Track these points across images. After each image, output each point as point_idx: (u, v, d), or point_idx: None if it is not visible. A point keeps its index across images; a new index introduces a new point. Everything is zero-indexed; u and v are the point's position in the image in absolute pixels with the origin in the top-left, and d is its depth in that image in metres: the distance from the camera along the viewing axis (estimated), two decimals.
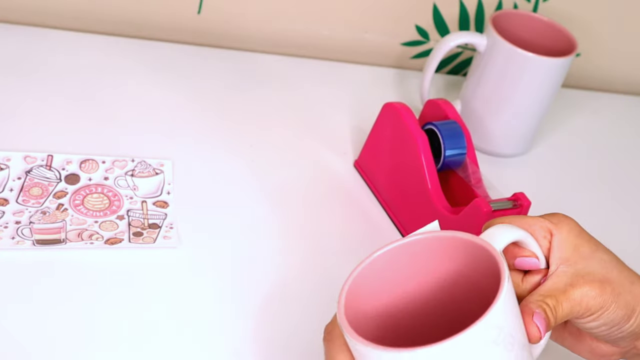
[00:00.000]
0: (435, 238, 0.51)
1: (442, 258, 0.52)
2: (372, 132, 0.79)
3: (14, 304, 0.61)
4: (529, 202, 0.69)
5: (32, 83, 0.82)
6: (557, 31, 0.88)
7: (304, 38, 0.99)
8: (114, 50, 0.90)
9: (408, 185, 0.75)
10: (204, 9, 0.94)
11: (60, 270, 0.64)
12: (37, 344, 0.59)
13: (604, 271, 0.52)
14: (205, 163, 0.78)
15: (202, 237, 0.70)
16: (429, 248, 0.52)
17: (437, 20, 0.99)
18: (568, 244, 0.53)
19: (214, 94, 0.88)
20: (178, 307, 0.64)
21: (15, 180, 0.71)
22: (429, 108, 0.79)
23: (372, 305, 0.52)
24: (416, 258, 0.52)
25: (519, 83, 0.84)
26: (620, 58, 1.07)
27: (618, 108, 1.05)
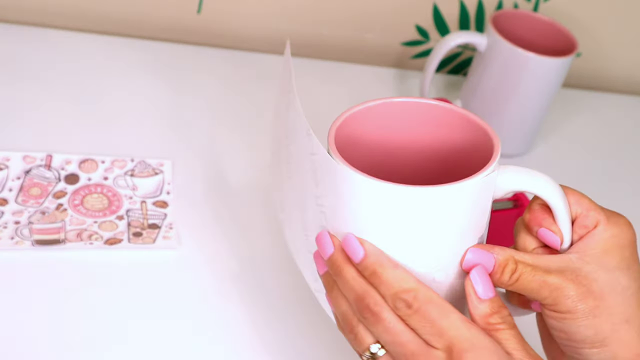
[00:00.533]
0: (438, 107, 0.51)
1: (441, 125, 0.51)
2: None
3: (14, 304, 0.61)
4: (529, 202, 0.69)
5: (31, 83, 0.82)
6: (557, 31, 0.88)
7: (304, 38, 0.99)
8: (114, 50, 0.90)
9: None
10: (204, 9, 0.94)
11: (60, 271, 0.64)
12: (37, 344, 0.59)
13: (607, 289, 0.47)
14: (205, 163, 0.78)
15: (202, 237, 0.70)
16: (429, 113, 0.51)
17: (437, 20, 0.99)
18: (601, 245, 0.48)
19: (214, 94, 0.88)
20: (178, 307, 0.64)
21: (14, 181, 0.71)
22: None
23: (363, 148, 0.51)
24: (414, 117, 0.51)
25: (519, 83, 0.84)
26: (620, 58, 1.07)
27: (618, 108, 1.05)
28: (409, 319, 0.45)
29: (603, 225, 0.48)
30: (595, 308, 0.46)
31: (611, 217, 0.49)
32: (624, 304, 0.47)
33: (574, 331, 0.47)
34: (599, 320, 0.46)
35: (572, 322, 0.47)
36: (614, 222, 0.48)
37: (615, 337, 0.47)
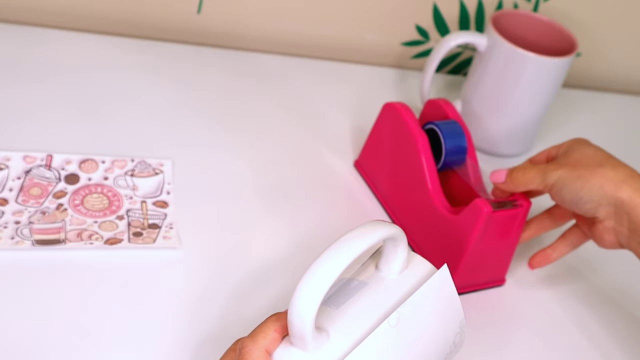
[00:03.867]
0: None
1: None
2: (372, 132, 0.79)
3: (14, 304, 0.61)
4: (529, 203, 0.69)
5: (31, 83, 0.82)
6: (557, 31, 0.88)
7: (304, 38, 0.99)
8: (114, 50, 0.90)
9: (408, 185, 0.75)
10: (204, 9, 0.94)
11: (60, 270, 0.64)
12: (37, 344, 0.59)
13: (579, 156, 0.65)
14: (205, 163, 0.78)
15: (202, 237, 0.70)
16: None
17: (437, 20, 0.99)
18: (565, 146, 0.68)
19: (214, 93, 0.88)
20: (178, 307, 0.64)
21: (14, 180, 0.71)
22: (429, 108, 0.78)
23: None
24: None
25: (519, 83, 0.84)
26: (620, 58, 1.07)
27: (618, 108, 1.05)
28: None
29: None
30: (574, 163, 0.65)
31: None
32: (594, 157, 0.65)
33: (568, 189, 0.64)
34: (578, 171, 0.64)
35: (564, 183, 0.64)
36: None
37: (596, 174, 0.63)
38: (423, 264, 0.54)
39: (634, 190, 0.62)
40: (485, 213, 0.66)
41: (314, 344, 0.48)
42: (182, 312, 0.64)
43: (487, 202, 0.66)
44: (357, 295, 0.52)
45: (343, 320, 0.50)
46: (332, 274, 0.47)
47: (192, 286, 0.66)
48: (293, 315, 0.47)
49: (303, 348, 0.48)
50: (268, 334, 0.49)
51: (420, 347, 0.51)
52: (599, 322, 0.72)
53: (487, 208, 0.66)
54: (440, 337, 0.53)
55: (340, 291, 0.53)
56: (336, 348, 0.49)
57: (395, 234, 0.51)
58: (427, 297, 0.51)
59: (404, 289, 0.52)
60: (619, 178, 0.63)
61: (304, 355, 0.48)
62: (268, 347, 0.49)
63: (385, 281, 0.53)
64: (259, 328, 0.50)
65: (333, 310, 0.51)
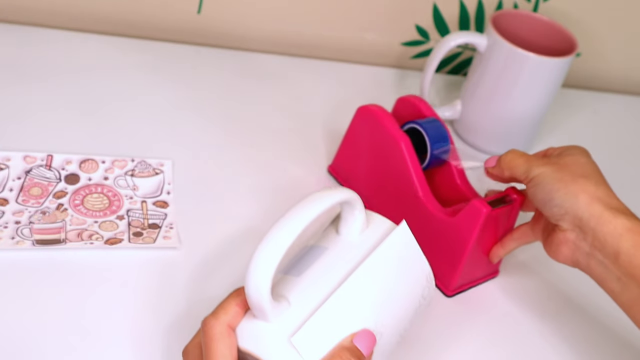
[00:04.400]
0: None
1: None
2: (347, 137, 0.77)
3: (14, 304, 0.61)
4: (522, 197, 0.69)
5: (31, 83, 0.82)
6: (557, 31, 0.88)
7: (304, 38, 0.99)
8: (114, 51, 0.90)
9: (392, 190, 0.73)
10: (204, 9, 0.94)
11: (60, 270, 0.64)
12: (37, 344, 0.59)
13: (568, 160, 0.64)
14: (205, 163, 0.78)
15: (202, 237, 0.70)
16: None
17: (437, 20, 0.99)
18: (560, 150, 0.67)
19: (214, 94, 0.88)
20: (178, 307, 0.64)
21: (15, 180, 0.71)
22: (401, 106, 0.77)
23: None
24: None
25: (518, 83, 0.84)
26: (620, 58, 1.07)
27: (618, 108, 1.05)
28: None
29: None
30: (562, 166, 0.64)
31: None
32: (583, 167, 0.64)
33: (543, 186, 0.63)
34: (562, 174, 0.63)
35: (543, 180, 0.63)
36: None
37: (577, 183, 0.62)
38: (383, 223, 0.54)
39: (607, 208, 0.61)
40: (485, 213, 0.66)
41: (274, 313, 0.48)
42: (182, 312, 0.64)
43: (484, 202, 0.66)
44: (319, 261, 0.52)
45: (304, 286, 0.50)
46: (283, 243, 0.47)
47: (192, 286, 0.66)
48: (249, 287, 0.47)
49: (264, 319, 0.48)
50: (229, 310, 0.49)
51: (385, 303, 0.51)
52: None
53: (486, 208, 0.66)
54: (406, 292, 0.53)
55: (303, 259, 0.53)
56: (297, 315, 0.49)
57: (349, 198, 0.52)
58: (387, 253, 0.52)
59: (364, 249, 0.52)
60: (597, 195, 0.61)
61: (265, 326, 0.48)
62: (230, 322, 0.49)
63: (345, 244, 0.53)
64: (221, 304, 0.50)
65: (294, 279, 0.51)
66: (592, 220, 0.61)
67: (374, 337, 0.50)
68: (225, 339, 0.48)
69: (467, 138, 0.90)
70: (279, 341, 0.48)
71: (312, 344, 0.48)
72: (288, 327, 0.48)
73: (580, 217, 0.61)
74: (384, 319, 0.51)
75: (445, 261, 0.69)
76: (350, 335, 0.49)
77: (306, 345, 0.48)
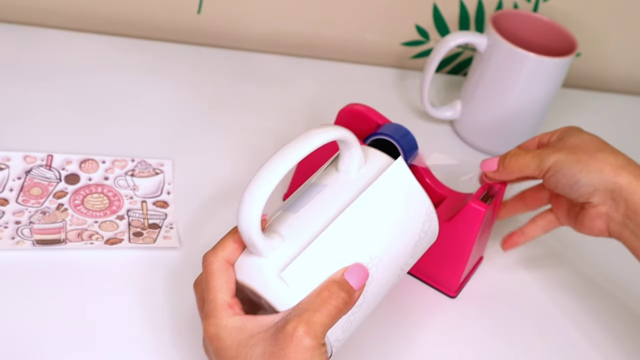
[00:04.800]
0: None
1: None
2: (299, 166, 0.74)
3: (14, 304, 0.61)
4: (504, 185, 0.68)
5: (31, 83, 0.82)
6: (557, 31, 0.88)
7: (304, 38, 0.99)
8: (114, 50, 0.90)
9: None
10: (204, 9, 0.94)
11: (60, 270, 0.64)
12: (37, 344, 0.59)
13: (576, 140, 0.64)
14: (206, 163, 0.78)
15: (202, 237, 0.70)
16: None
17: (437, 20, 0.99)
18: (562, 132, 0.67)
19: (213, 94, 0.88)
20: (178, 307, 0.64)
21: (15, 180, 0.71)
22: (345, 117, 0.71)
23: None
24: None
25: (519, 83, 0.84)
26: (620, 58, 1.07)
27: (618, 108, 1.05)
28: None
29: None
30: (572, 147, 0.64)
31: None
32: (593, 142, 0.64)
33: (564, 172, 0.63)
34: (577, 155, 0.63)
35: (562, 167, 0.63)
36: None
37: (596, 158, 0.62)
38: (381, 159, 0.55)
39: (633, 176, 0.62)
40: (483, 213, 0.65)
41: (267, 248, 0.50)
42: (182, 312, 0.64)
43: (480, 202, 0.66)
44: (317, 198, 0.53)
45: (299, 222, 0.52)
46: (272, 180, 0.49)
47: (192, 286, 0.66)
48: (240, 222, 0.49)
49: (257, 253, 0.50)
50: (227, 246, 0.52)
51: (380, 237, 0.52)
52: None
53: (484, 207, 0.65)
54: (404, 226, 0.54)
55: (302, 196, 0.54)
56: (289, 250, 0.50)
57: (343, 136, 0.52)
58: (382, 188, 0.53)
59: (360, 185, 0.53)
60: (618, 164, 0.62)
61: (259, 260, 0.50)
62: (228, 258, 0.51)
63: (343, 181, 0.54)
64: (219, 242, 0.52)
65: (292, 215, 0.53)
66: (622, 191, 0.62)
67: (366, 271, 0.51)
68: (223, 273, 0.51)
69: (467, 138, 0.90)
70: (271, 275, 0.50)
71: (302, 278, 0.50)
72: (279, 262, 0.50)
73: (611, 189, 0.62)
74: (379, 253, 0.52)
75: (446, 265, 0.69)
76: (342, 269, 0.51)
77: (296, 280, 0.49)
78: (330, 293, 0.49)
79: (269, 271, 0.50)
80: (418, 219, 0.55)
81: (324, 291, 0.49)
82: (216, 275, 0.51)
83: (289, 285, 0.49)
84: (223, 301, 0.50)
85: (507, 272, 0.75)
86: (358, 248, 0.51)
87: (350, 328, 0.53)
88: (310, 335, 0.48)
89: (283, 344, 0.48)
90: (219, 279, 0.51)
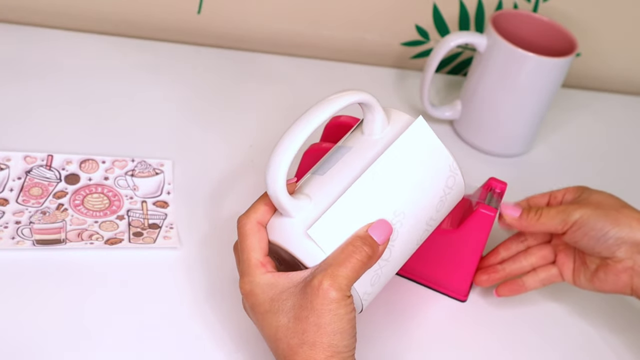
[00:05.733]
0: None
1: None
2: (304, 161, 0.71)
3: (14, 304, 0.61)
4: (504, 185, 0.68)
5: (32, 83, 0.82)
6: (557, 31, 0.88)
7: (304, 38, 0.99)
8: (114, 50, 0.90)
9: None
10: (204, 9, 0.94)
11: (60, 270, 0.64)
12: (37, 344, 0.59)
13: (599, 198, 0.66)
14: (205, 163, 0.78)
15: (202, 237, 0.70)
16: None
17: (437, 20, 0.99)
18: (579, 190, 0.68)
19: (213, 94, 0.88)
20: (178, 307, 0.64)
21: (15, 180, 0.71)
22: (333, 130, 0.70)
23: None
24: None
25: (519, 83, 0.84)
26: (620, 58, 1.07)
27: (618, 108, 1.05)
28: None
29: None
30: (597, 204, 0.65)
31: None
32: (614, 200, 0.66)
33: (592, 225, 0.64)
34: (603, 210, 0.64)
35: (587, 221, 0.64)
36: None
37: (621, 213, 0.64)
38: (403, 118, 0.57)
39: None
40: (493, 217, 0.65)
41: (294, 208, 0.53)
42: (182, 312, 0.64)
43: (487, 206, 0.66)
44: (343, 159, 0.56)
45: (325, 183, 0.55)
46: (295, 142, 0.51)
47: (192, 286, 0.66)
48: (267, 184, 0.52)
49: (285, 214, 0.54)
50: (259, 209, 0.55)
51: (404, 194, 0.55)
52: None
53: (493, 212, 0.65)
54: (427, 182, 0.56)
55: (329, 159, 0.57)
56: (316, 210, 0.53)
57: (364, 99, 0.55)
58: (403, 147, 0.55)
59: (383, 145, 0.56)
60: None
61: (288, 221, 0.53)
62: (260, 219, 0.55)
63: (368, 142, 0.56)
64: (252, 205, 0.56)
65: (319, 177, 0.55)
66: None
67: (390, 227, 0.54)
68: (256, 234, 0.54)
69: (467, 138, 0.90)
70: (299, 233, 0.53)
71: (328, 235, 0.52)
72: (306, 221, 0.53)
73: (637, 244, 0.64)
74: (403, 209, 0.55)
75: (455, 271, 0.68)
76: (366, 225, 0.53)
77: (323, 237, 0.52)
78: (354, 248, 0.52)
79: (297, 230, 0.53)
80: (442, 175, 0.57)
81: (349, 246, 0.52)
82: (249, 236, 0.54)
83: (316, 242, 0.52)
84: (256, 260, 0.54)
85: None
86: (382, 204, 0.54)
87: (379, 281, 0.55)
88: (335, 287, 0.51)
89: (310, 296, 0.51)
90: (251, 239, 0.54)
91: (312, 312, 0.51)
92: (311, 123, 0.52)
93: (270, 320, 0.52)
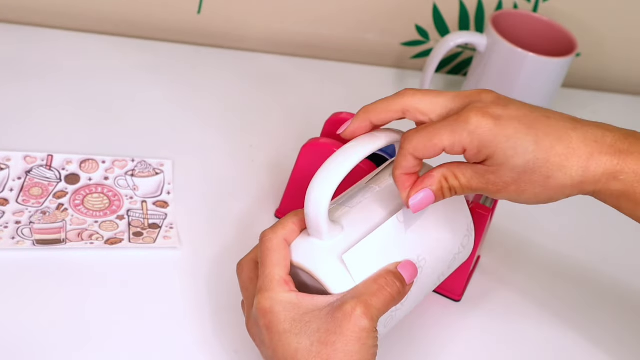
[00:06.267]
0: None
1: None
2: (293, 178, 0.72)
3: (14, 304, 0.61)
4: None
5: (32, 83, 0.82)
6: (557, 31, 0.88)
7: (304, 38, 0.99)
8: (114, 50, 0.90)
9: None
10: (204, 9, 0.94)
11: (60, 270, 0.64)
12: (37, 344, 0.59)
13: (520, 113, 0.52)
14: (205, 163, 0.78)
15: (202, 237, 0.70)
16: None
17: (437, 20, 0.99)
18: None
19: (213, 94, 0.88)
20: (178, 307, 0.64)
21: (15, 180, 0.71)
22: (333, 127, 0.70)
23: None
24: None
25: (518, 83, 0.84)
26: (620, 58, 1.07)
27: (618, 108, 1.05)
28: None
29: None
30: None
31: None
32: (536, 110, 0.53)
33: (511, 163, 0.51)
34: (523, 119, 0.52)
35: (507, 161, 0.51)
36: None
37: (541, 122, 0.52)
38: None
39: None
40: (487, 217, 0.65)
41: (329, 234, 0.53)
42: (181, 312, 0.64)
43: (482, 205, 0.66)
44: (372, 197, 0.56)
45: (357, 216, 0.55)
46: (341, 170, 0.52)
47: (192, 286, 0.66)
48: (308, 207, 0.52)
49: (318, 237, 0.53)
50: (287, 226, 0.54)
51: (428, 242, 0.56)
52: None
53: (487, 211, 0.65)
54: (448, 236, 0.58)
55: (357, 194, 0.58)
56: (349, 238, 0.53)
57: (398, 140, 0.55)
58: None
59: None
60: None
61: (319, 243, 0.53)
62: (287, 237, 0.54)
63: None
64: (279, 222, 0.55)
65: (349, 209, 0.56)
66: None
67: (416, 269, 0.54)
68: (282, 250, 0.53)
69: None
70: (330, 258, 0.52)
71: (360, 264, 0.52)
72: (340, 247, 0.53)
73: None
74: (425, 255, 0.56)
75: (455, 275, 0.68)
76: (395, 263, 0.54)
77: (355, 264, 0.52)
78: (387, 281, 0.52)
79: (329, 254, 0.53)
80: (460, 233, 0.59)
81: (381, 278, 0.52)
82: (275, 251, 0.53)
83: (348, 269, 0.52)
84: (279, 276, 0.52)
85: (505, 270, 0.75)
86: (409, 247, 0.55)
87: (390, 324, 0.56)
88: (367, 316, 0.50)
89: (341, 322, 0.50)
90: (277, 255, 0.53)
91: (340, 337, 0.50)
92: (357, 154, 0.53)
93: (290, 340, 0.50)
